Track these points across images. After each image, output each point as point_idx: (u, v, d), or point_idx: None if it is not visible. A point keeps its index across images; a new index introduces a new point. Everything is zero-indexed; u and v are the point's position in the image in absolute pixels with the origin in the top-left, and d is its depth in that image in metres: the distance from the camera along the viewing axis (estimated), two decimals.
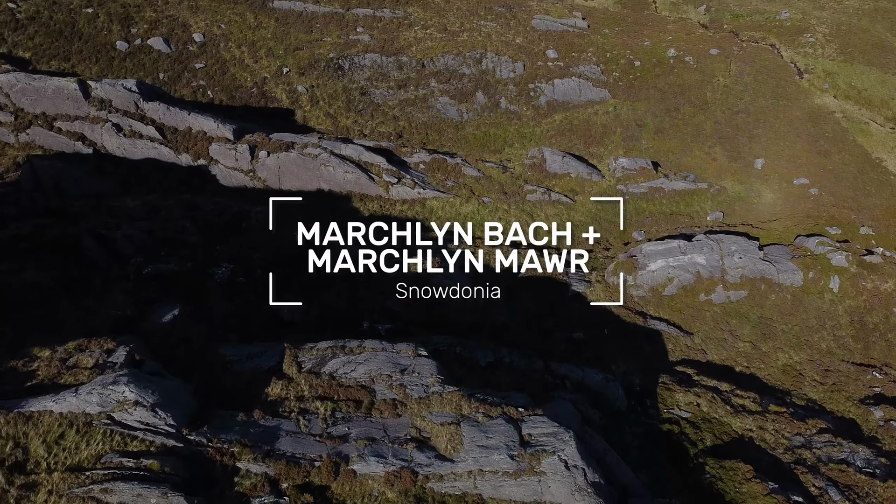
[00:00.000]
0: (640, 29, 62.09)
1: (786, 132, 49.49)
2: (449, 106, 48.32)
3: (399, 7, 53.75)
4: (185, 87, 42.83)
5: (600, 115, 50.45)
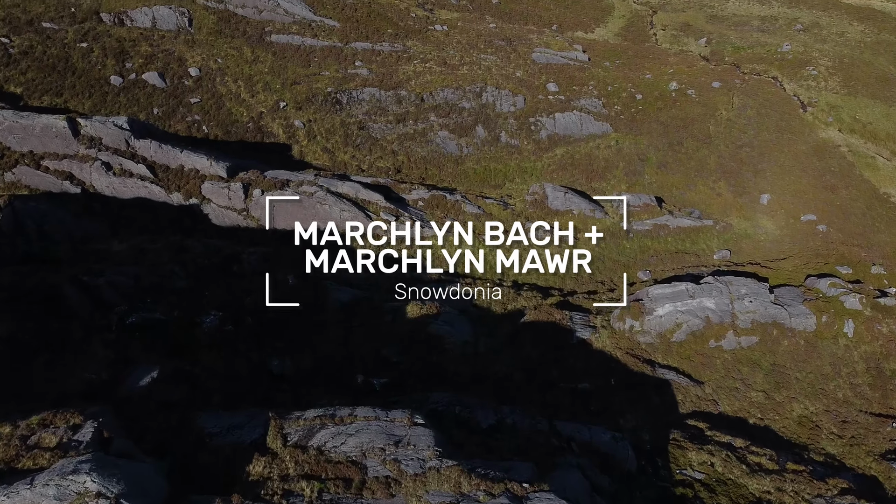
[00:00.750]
0: (641, 62, 61.66)
1: (791, 167, 48.65)
2: (448, 140, 47.54)
3: (398, 41, 53.26)
4: (180, 122, 42.05)
5: (602, 149, 49.65)
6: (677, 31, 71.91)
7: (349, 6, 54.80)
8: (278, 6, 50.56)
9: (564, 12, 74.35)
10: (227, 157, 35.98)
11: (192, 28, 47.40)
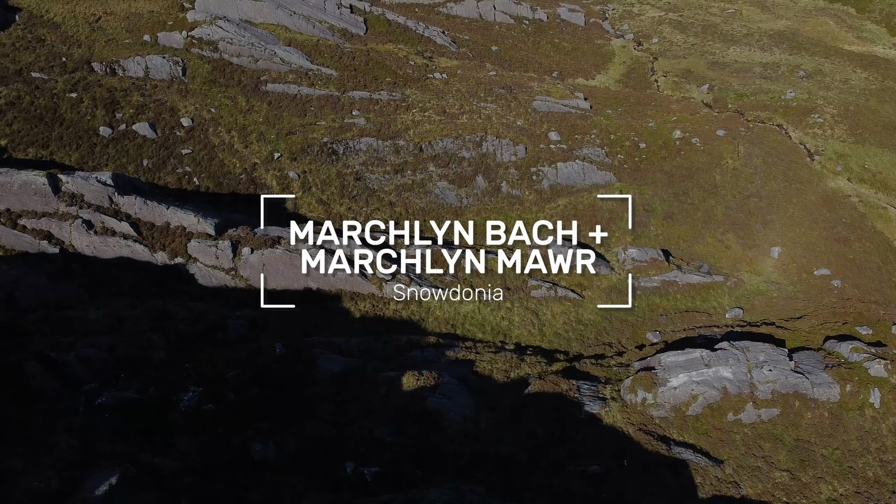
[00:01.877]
0: (643, 109, 60.71)
1: (801, 218, 47.17)
2: (448, 191, 46.13)
3: (396, 89, 52.26)
4: (170, 175, 40.64)
5: (606, 199, 48.19)
6: (679, 78, 71.21)
7: (347, 55, 53.97)
8: (275, 55, 49.66)
9: (565, 59, 73.84)
10: (216, 213, 34.47)
11: (185, 77, 46.37)
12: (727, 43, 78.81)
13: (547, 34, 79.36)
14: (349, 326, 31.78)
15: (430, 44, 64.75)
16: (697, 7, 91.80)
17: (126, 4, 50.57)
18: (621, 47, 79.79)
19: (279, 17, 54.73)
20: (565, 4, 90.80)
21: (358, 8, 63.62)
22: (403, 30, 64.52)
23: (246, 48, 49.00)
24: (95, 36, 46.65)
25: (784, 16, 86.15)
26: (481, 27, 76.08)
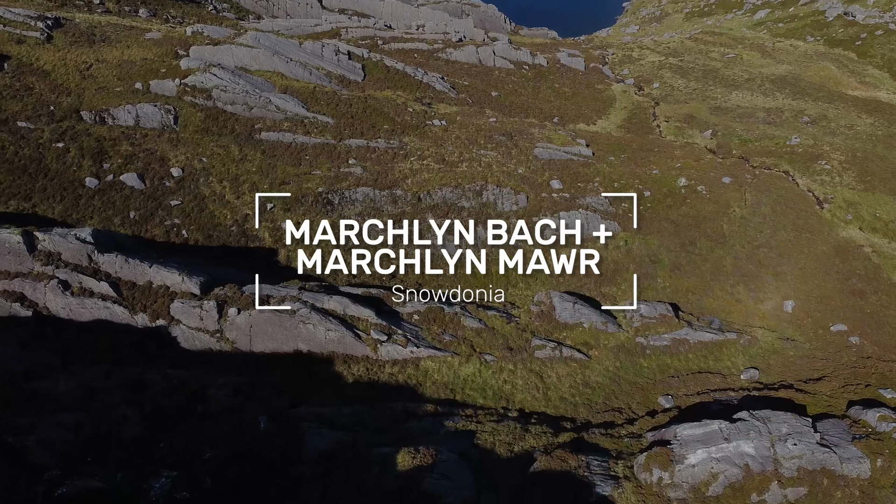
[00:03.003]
0: (646, 155, 59.51)
1: (813, 269, 45.46)
2: (447, 242, 44.44)
3: (394, 137, 51.02)
4: (158, 227, 39.05)
5: (611, 250, 46.56)
6: (681, 123, 70.28)
7: (344, 101, 52.91)
8: (270, 102, 48.51)
9: (565, 104, 73.07)
10: (202, 271, 32.71)
11: (177, 126, 45.12)
12: (729, 88, 78.15)
13: (547, 79, 78.81)
14: (341, 392, 29.78)
15: (429, 90, 63.89)
16: (697, 52, 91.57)
17: (119, 52, 49.64)
18: (622, 92, 79.17)
19: (275, 63, 53.81)
20: (565, 49, 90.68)
21: (356, 54, 62.91)
22: (402, 76, 63.72)
23: (240, 96, 47.88)
24: (86, 84, 45.50)
25: (785, 60, 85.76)
26: (481, 72, 75.49)
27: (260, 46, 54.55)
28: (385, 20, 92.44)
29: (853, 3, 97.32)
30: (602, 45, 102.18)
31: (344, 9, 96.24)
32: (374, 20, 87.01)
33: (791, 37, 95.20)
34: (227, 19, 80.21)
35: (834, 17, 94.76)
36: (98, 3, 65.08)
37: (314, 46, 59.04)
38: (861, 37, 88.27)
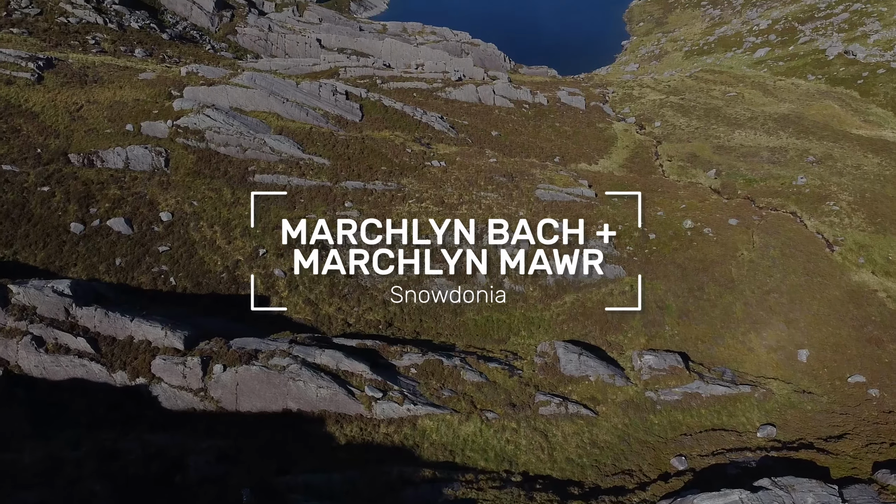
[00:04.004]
0: (650, 196, 58.09)
1: (827, 316, 43.72)
2: (446, 288, 42.83)
3: (392, 178, 49.70)
4: (145, 274, 37.44)
5: (616, 295, 44.90)
6: (684, 162, 69.11)
7: (341, 142, 51.72)
8: (264, 144, 47.29)
9: (566, 143, 72.05)
10: (187, 323, 31.01)
11: (168, 168, 43.79)
12: (731, 126, 77.22)
13: (548, 118, 77.97)
14: (334, 455, 27.84)
15: (428, 129, 62.86)
16: (698, 90, 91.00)
17: (111, 93, 48.57)
18: (623, 131, 78.26)
19: (271, 104, 52.76)
20: (565, 88, 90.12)
21: (354, 94, 62.00)
22: (400, 115, 62.75)
23: (234, 137, 46.68)
24: (75, 126, 44.32)
25: (787, 99, 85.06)
26: (481, 111, 74.65)
27: (256, 87, 53.57)
28: (384, 59, 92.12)
29: (853, 41, 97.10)
30: (602, 83, 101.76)
31: (343, 48, 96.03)
32: (372, 59, 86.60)
33: (792, 75, 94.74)
34: (225, 59, 79.66)
35: (834, 55, 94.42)
36: (93, 42, 64.42)
37: (311, 86, 58.09)
38: (863, 75, 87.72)
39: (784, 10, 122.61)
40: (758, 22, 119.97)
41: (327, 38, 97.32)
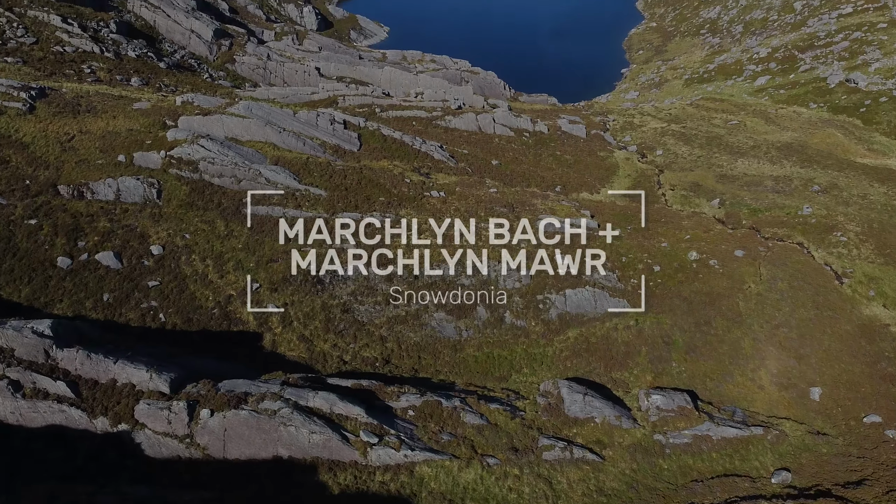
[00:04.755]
0: (653, 226, 57.02)
1: (838, 351, 42.29)
2: (445, 323, 41.57)
3: (390, 209, 48.59)
4: (133, 310, 36.19)
5: (620, 330, 43.56)
6: (687, 192, 68.10)
7: (338, 172, 50.69)
8: (260, 175, 46.27)
9: (567, 172, 71.16)
10: (175, 364, 29.67)
11: (160, 200, 42.73)
12: (734, 155, 76.39)
13: (548, 146, 77.21)
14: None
15: (427, 159, 61.96)
16: (699, 118, 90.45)
17: (104, 123, 47.70)
18: (625, 159, 77.45)
19: (267, 134, 51.86)
20: (565, 116, 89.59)
21: (352, 123, 61.20)
22: (399, 145, 61.89)
23: (229, 168, 45.67)
24: (66, 157, 43.34)
25: (789, 127, 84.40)
26: (481, 140, 73.88)
27: (252, 116, 52.72)
28: (383, 88, 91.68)
29: (854, 70, 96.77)
30: (602, 111, 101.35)
31: (342, 76, 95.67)
32: (372, 88, 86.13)
33: (793, 103, 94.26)
34: (223, 87, 79.11)
35: (836, 83, 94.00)
36: (89, 71, 63.79)
37: (309, 116, 57.27)
38: (865, 103, 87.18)
39: (784, 38, 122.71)
40: (757, 50, 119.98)
41: (326, 66, 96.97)
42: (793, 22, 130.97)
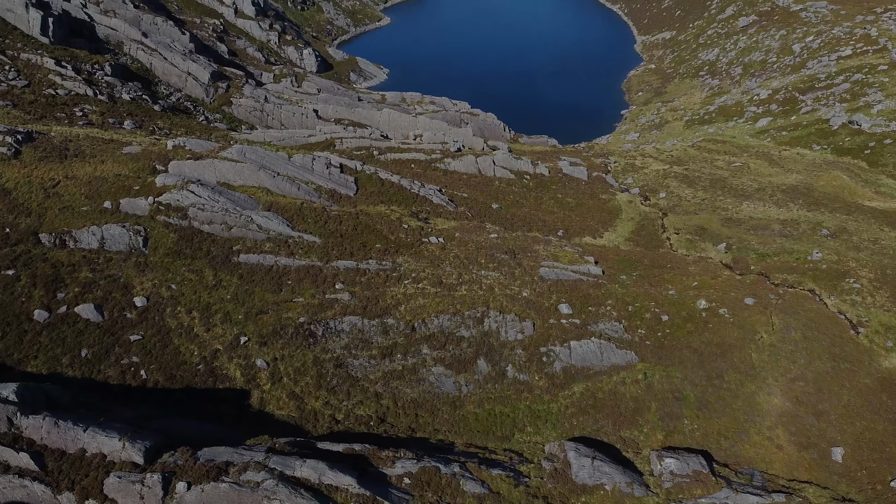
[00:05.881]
0: (660, 273, 55.16)
1: (859, 407, 40.09)
2: (444, 378, 39.42)
3: (387, 257, 46.79)
4: (113, 367, 34.10)
5: (629, 384, 41.41)
6: (692, 236, 66.39)
7: (333, 218, 49.01)
8: (251, 221, 44.55)
9: (569, 215, 69.57)
10: (153, 430, 27.48)
11: (146, 249, 40.91)
12: (739, 198, 74.92)
13: (549, 189, 75.80)
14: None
15: (425, 203, 60.38)
16: (702, 160, 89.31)
17: (91, 168, 46.16)
18: (628, 202, 75.94)
19: (261, 178, 50.31)
20: (566, 158, 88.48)
21: (349, 167, 59.78)
22: (397, 189, 60.36)
23: (219, 214, 43.97)
24: (49, 203, 41.66)
25: (794, 169, 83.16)
26: (481, 183, 72.48)
27: (245, 160, 51.26)
28: (382, 130, 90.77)
29: (856, 111, 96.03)
30: (603, 152, 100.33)
31: (340, 119, 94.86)
32: (370, 130, 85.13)
33: (797, 145, 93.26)
34: (218, 130, 78.01)
35: (839, 125, 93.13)
36: (81, 114, 62.61)
37: (304, 159, 55.84)
38: (869, 145, 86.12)
39: (784, 80, 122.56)
40: (758, 92, 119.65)
41: (324, 108, 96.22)
42: (792, 64, 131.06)
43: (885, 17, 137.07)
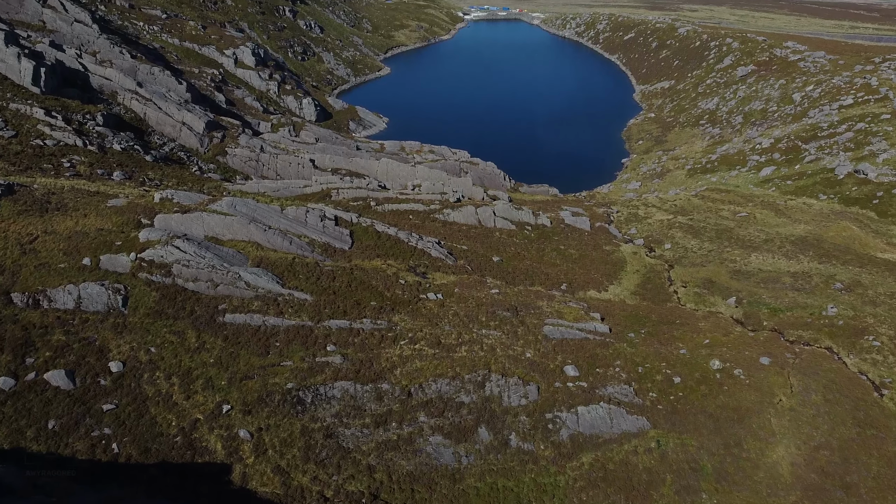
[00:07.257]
0: (669, 329, 52.59)
1: (890, 479, 37.17)
2: (443, 448, 36.52)
3: (383, 315, 44.27)
4: (82, 440, 31.26)
5: (641, 454, 38.52)
6: (700, 289, 63.99)
7: (326, 274, 46.65)
8: (239, 279, 42.17)
9: (573, 268, 67.24)
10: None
11: (125, 308, 38.42)
12: (747, 249, 72.70)
13: (552, 240, 73.64)
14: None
15: (423, 256, 58.11)
16: (706, 210, 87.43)
17: (72, 222, 43.95)
18: (632, 253, 73.73)
19: (251, 232, 48.13)
20: (568, 208, 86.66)
21: (344, 219, 57.70)
22: (394, 242, 58.16)
23: (205, 271, 41.61)
24: (25, 260, 39.32)
25: (801, 220, 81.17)
26: (481, 234, 70.37)
27: (236, 213, 49.16)
28: (380, 179, 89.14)
29: (861, 160, 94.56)
30: (605, 201, 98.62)
31: (337, 168, 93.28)
32: (367, 180, 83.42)
33: (802, 195, 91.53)
34: (212, 181, 76.19)
35: (844, 174, 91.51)
36: (69, 165, 60.74)
37: (297, 212, 53.78)
38: (877, 195, 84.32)
39: (786, 128, 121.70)
40: (760, 140, 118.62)
41: (321, 158, 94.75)
42: (793, 113, 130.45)
43: (885, 67, 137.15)
